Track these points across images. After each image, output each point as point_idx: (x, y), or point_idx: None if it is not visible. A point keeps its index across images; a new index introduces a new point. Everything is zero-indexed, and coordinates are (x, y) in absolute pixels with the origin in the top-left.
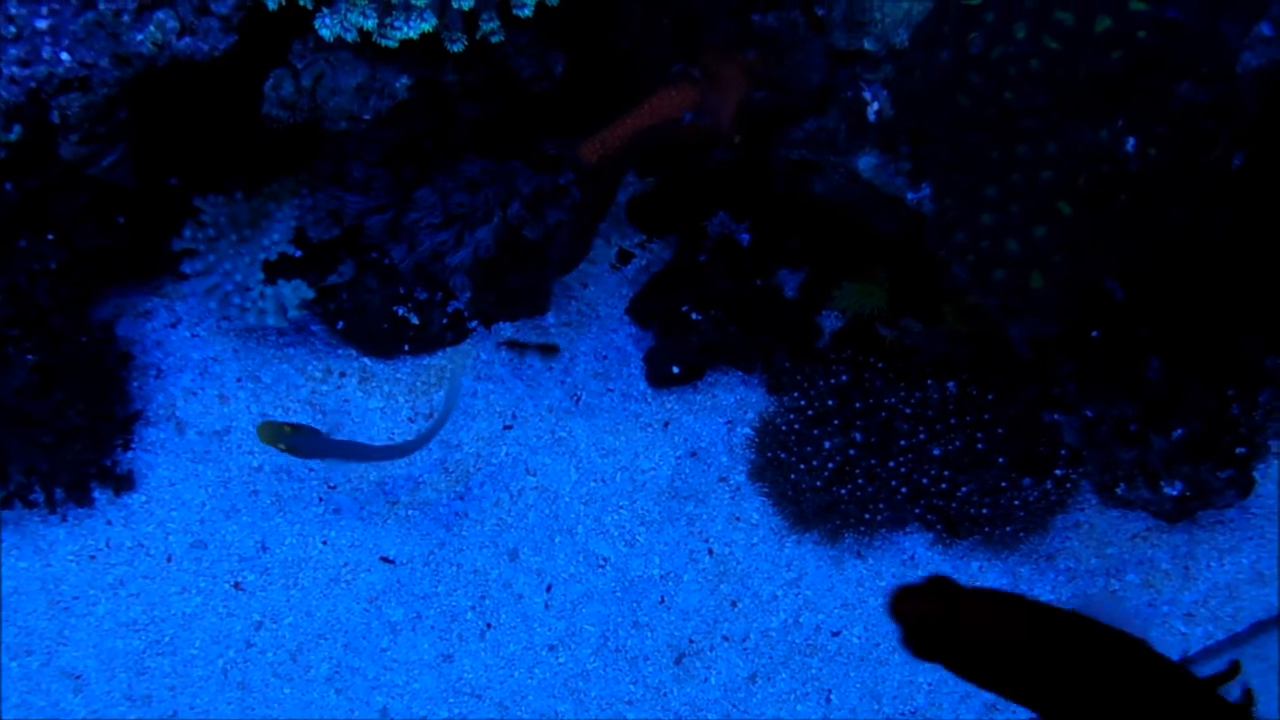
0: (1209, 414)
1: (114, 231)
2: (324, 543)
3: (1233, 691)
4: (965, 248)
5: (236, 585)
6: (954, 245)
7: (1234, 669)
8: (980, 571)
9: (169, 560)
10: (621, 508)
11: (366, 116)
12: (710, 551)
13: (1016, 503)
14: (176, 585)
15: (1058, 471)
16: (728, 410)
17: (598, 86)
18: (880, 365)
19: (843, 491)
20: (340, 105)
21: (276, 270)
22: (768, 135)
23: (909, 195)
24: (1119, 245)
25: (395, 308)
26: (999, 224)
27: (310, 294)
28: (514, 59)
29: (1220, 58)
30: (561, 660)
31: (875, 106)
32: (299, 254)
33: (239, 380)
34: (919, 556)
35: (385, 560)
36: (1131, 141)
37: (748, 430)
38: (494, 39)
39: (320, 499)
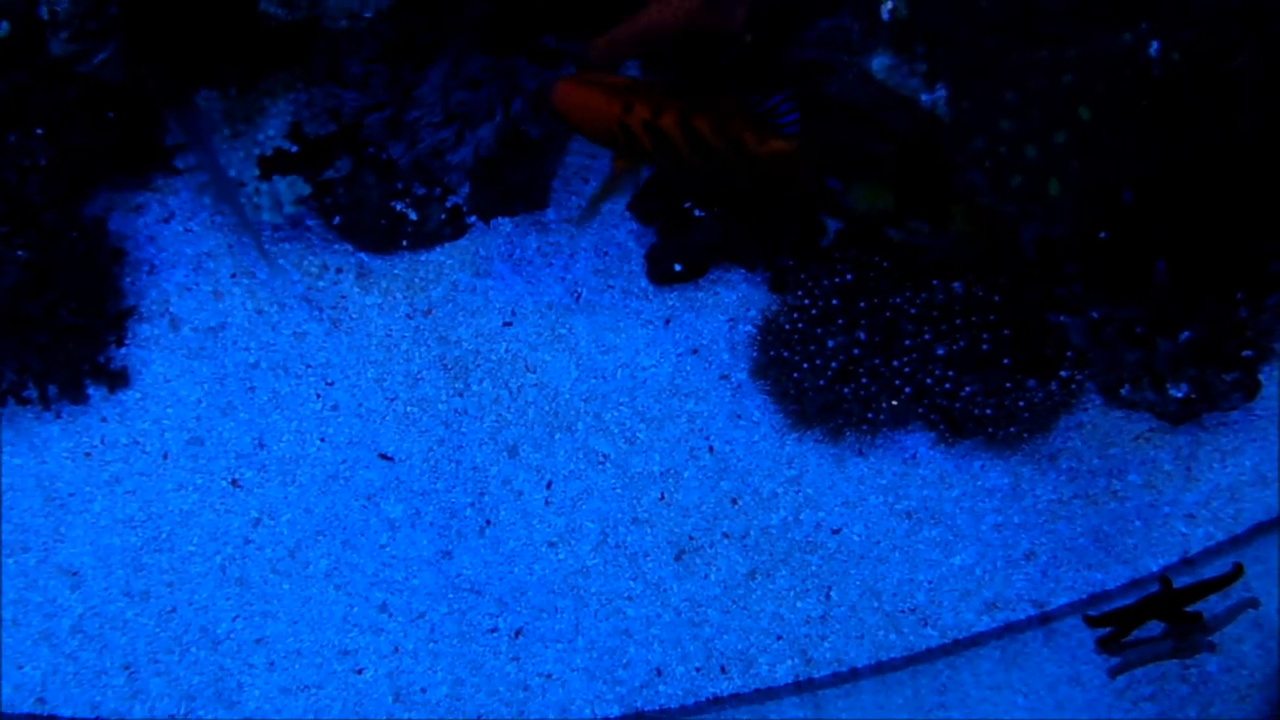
0: (1216, 317)
1: (105, 127)
2: (321, 439)
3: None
4: (983, 154)
5: (234, 482)
6: (971, 151)
7: (1237, 570)
8: (982, 470)
9: (165, 457)
10: (622, 405)
11: (368, 14)
12: (711, 449)
13: (1021, 404)
14: (173, 482)
15: (1063, 373)
16: (730, 308)
17: None
18: (886, 265)
19: (846, 390)
20: (341, 2)
21: (272, 165)
22: (780, 34)
23: (924, 97)
24: (1139, 152)
25: (393, 203)
26: (1018, 130)
27: (307, 189)
28: None
29: None
30: (561, 556)
31: (890, 5)
32: (295, 149)
33: (233, 276)
34: (921, 455)
35: (383, 457)
36: (1155, 46)
37: (750, 328)
38: None
39: (317, 395)
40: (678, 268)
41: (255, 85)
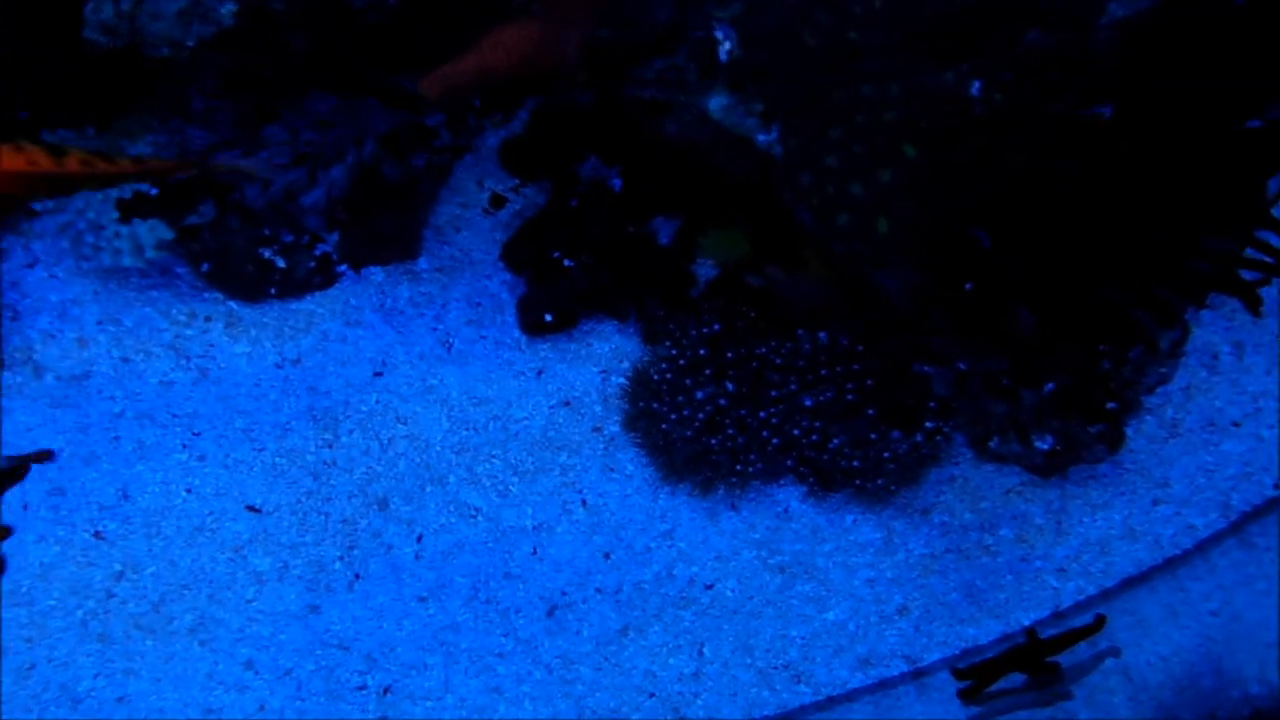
0: (1079, 368)
1: None
2: (188, 490)
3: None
4: (810, 191)
5: (97, 534)
6: (799, 188)
7: (1099, 621)
8: (855, 524)
9: (25, 508)
10: (494, 457)
11: (190, 43)
12: (584, 502)
13: (886, 455)
14: (33, 534)
15: (928, 424)
16: (603, 359)
17: (439, 19)
18: (752, 315)
19: (713, 442)
20: (162, 31)
21: (132, 209)
22: (619, 75)
23: (759, 137)
24: (965, 190)
25: (260, 250)
26: (843, 167)
27: (169, 234)
28: None
29: (1072, 6)
30: (431, 612)
31: (727, 46)
32: (154, 192)
33: (99, 323)
34: (793, 509)
35: (251, 509)
36: (977, 85)
37: (622, 380)
38: None
39: (184, 445)
40: (548, 318)
41: (112, 125)
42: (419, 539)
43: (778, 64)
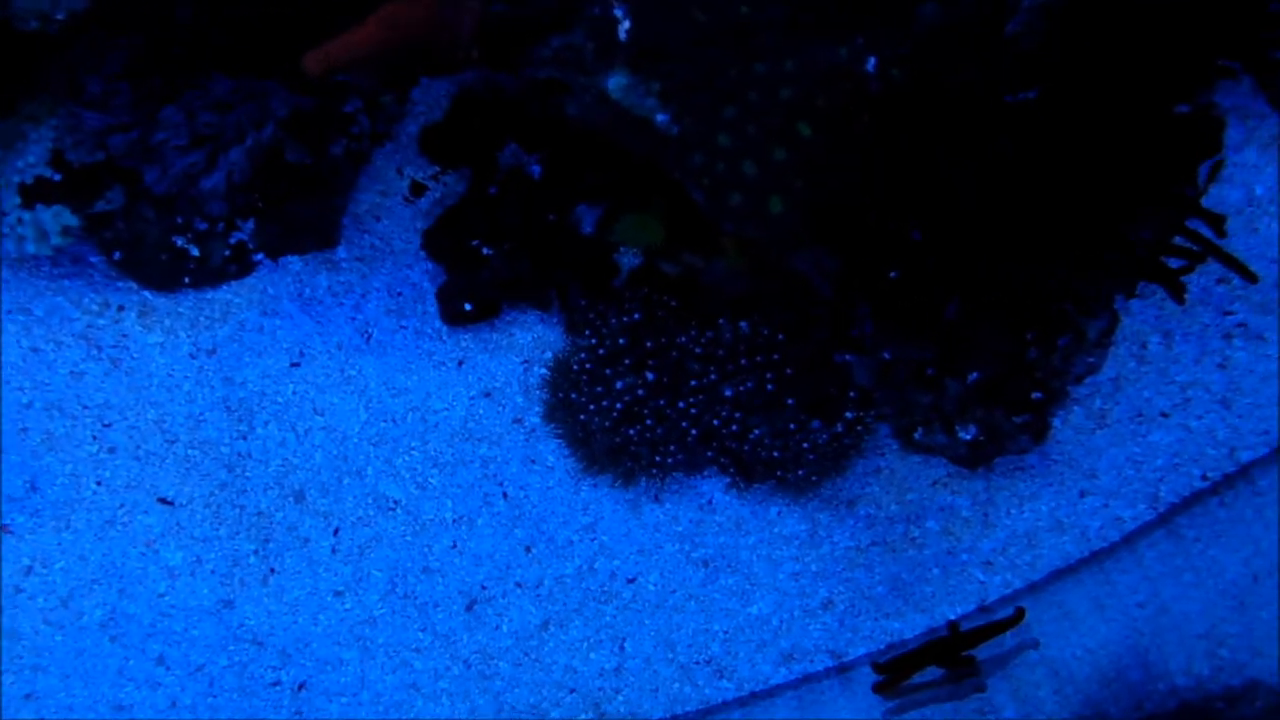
0: (1003, 357)
1: None
2: (98, 483)
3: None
4: (701, 170)
5: (4, 528)
6: (690, 168)
7: (1019, 614)
8: (779, 516)
9: None
10: (413, 449)
11: (59, 16)
12: (505, 495)
13: (805, 445)
14: None
15: (848, 414)
16: (524, 349)
17: None
18: (674, 304)
19: (631, 432)
20: (27, 3)
21: (35, 194)
22: (512, 52)
23: (659, 117)
24: (865, 171)
25: (174, 238)
26: (736, 146)
27: (74, 220)
28: None
29: None
30: (348, 606)
31: (627, 25)
32: (59, 178)
33: (9, 312)
34: (717, 501)
35: (163, 502)
36: (872, 61)
37: (544, 370)
38: None
39: (94, 437)
40: (468, 307)
41: (16, 109)
42: (336, 532)
43: (672, 41)
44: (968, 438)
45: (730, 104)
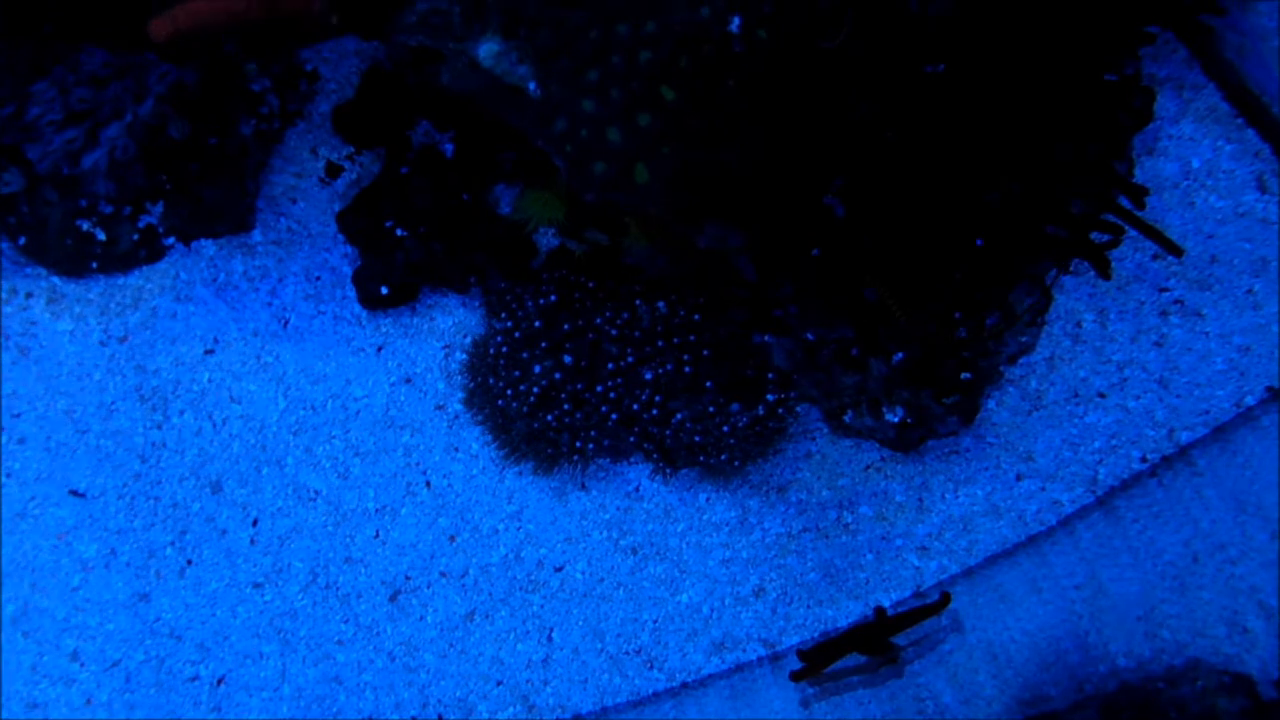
0: (929, 336)
1: None
2: (7, 475)
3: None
4: (564, 137)
5: None
6: (553, 135)
7: (944, 599)
8: (708, 503)
9: None
10: (334, 437)
11: None
12: (428, 484)
13: (725, 429)
14: None
15: (769, 396)
16: (445, 334)
17: None
18: (590, 285)
19: (549, 418)
20: None
21: None
22: (374, 16)
23: (531, 86)
24: (735, 137)
25: (78, 221)
26: (600, 111)
27: None
28: None
29: None
30: (268, 598)
31: None
32: None
33: None
34: (644, 488)
35: (75, 494)
36: (736, 21)
37: (464, 355)
38: None
39: (2, 428)
40: (384, 291)
41: None
42: (254, 523)
43: (535, 3)
44: (895, 420)
45: (594, 68)
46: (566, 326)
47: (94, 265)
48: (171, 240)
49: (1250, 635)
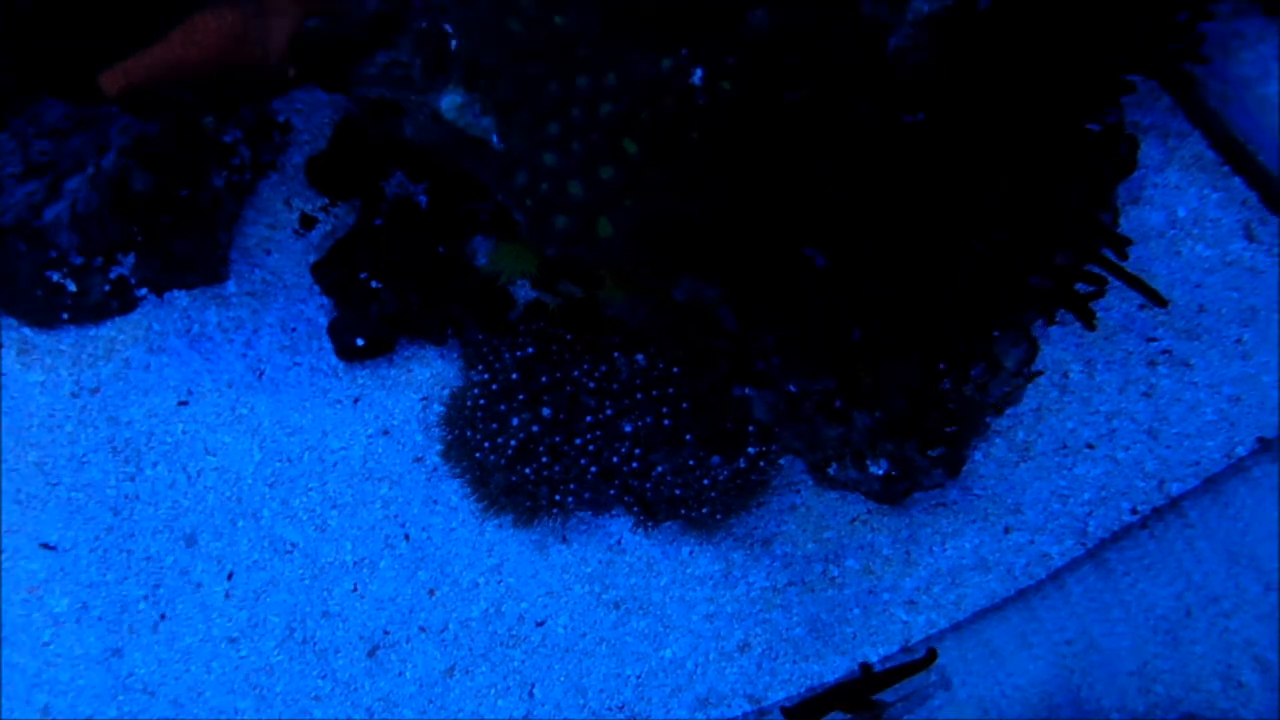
0: (912, 389)
1: None
2: None
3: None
4: (524, 191)
5: None
6: (513, 189)
7: (931, 656)
8: (692, 556)
9: None
10: (311, 489)
11: None
12: (406, 537)
13: (706, 482)
14: None
15: (750, 449)
16: (423, 386)
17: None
18: (569, 337)
19: (528, 470)
20: None
21: None
22: (338, 73)
23: (494, 138)
24: (699, 190)
25: (48, 273)
26: (561, 164)
27: None
28: None
29: None
30: (243, 653)
31: (459, 41)
32: None
33: None
34: (626, 541)
35: (46, 546)
36: (699, 73)
37: (442, 408)
38: None
39: None
40: (360, 342)
41: None
42: (230, 576)
43: (490, 55)
44: (879, 473)
45: (555, 121)
46: (544, 379)
47: (65, 316)
48: (144, 291)
49: (1246, 689)
